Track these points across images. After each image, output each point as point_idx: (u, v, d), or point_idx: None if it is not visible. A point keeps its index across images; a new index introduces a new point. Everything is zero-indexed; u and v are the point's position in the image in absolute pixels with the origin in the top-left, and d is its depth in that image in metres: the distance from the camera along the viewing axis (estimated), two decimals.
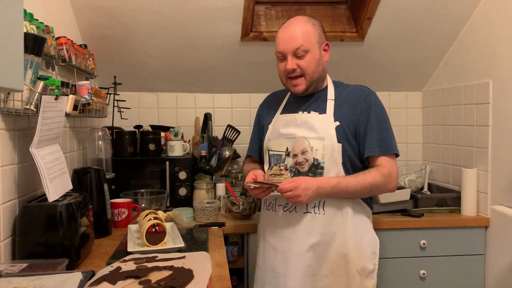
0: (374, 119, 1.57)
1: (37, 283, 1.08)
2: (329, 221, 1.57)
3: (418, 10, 2.22)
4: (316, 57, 1.58)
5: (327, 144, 1.55)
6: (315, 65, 1.58)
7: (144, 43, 2.31)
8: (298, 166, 1.59)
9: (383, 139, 1.57)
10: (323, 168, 1.56)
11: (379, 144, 1.56)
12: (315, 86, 1.63)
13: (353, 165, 1.60)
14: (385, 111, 1.63)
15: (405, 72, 2.67)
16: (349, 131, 1.57)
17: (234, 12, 2.15)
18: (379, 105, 1.61)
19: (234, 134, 2.64)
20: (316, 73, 1.59)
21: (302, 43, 1.55)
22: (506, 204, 2.00)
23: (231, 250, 2.12)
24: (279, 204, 1.63)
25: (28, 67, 1.26)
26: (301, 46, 1.55)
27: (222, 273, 1.35)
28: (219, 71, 2.57)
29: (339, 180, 1.52)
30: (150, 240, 1.47)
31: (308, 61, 1.57)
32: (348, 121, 1.58)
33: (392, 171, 1.57)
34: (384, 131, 1.58)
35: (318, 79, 1.62)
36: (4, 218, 1.32)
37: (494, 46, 2.12)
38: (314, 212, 1.57)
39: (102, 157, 2.07)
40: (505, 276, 2.04)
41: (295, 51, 1.56)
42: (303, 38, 1.55)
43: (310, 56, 1.57)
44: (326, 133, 1.56)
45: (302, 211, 1.58)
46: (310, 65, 1.57)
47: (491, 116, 2.13)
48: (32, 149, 1.34)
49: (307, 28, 1.58)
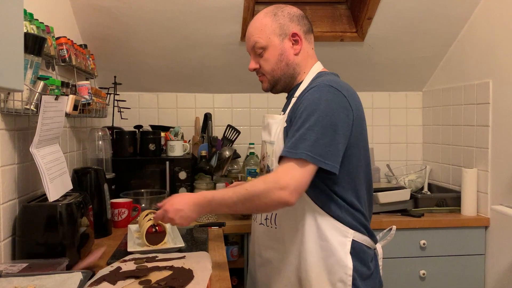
0: (301, 116, 1.23)
1: (37, 283, 1.08)
2: (282, 236, 1.34)
3: (418, 10, 2.22)
4: (276, 52, 1.36)
5: (275, 149, 1.35)
6: (275, 62, 1.37)
7: (144, 43, 2.31)
8: (261, 172, 1.45)
9: (298, 140, 1.19)
10: None
11: (292, 145, 1.19)
12: (283, 85, 1.42)
13: None
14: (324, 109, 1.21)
15: (405, 72, 2.67)
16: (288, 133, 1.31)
17: (234, 12, 2.15)
18: (316, 101, 1.22)
19: (234, 134, 2.64)
20: (278, 71, 1.38)
21: (256, 39, 1.36)
22: (506, 204, 2.00)
23: (231, 250, 2.12)
24: None
25: (28, 67, 1.26)
26: (255, 44, 1.37)
27: (222, 273, 1.35)
28: (219, 71, 2.57)
29: (216, 193, 1.25)
30: (150, 240, 1.47)
31: (267, 59, 1.38)
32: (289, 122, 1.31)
33: (282, 177, 1.15)
34: (301, 129, 1.19)
35: (282, 76, 1.39)
36: (4, 218, 1.32)
37: (494, 46, 2.12)
38: (266, 225, 1.39)
39: (102, 157, 2.07)
40: (505, 276, 2.04)
41: (252, 49, 1.39)
42: (258, 34, 1.37)
43: (268, 53, 1.37)
44: (277, 137, 1.36)
45: (259, 222, 1.43)
46: (268, 63, 1.38)
47: (491, 116, 2.13)
48: (32, 149, 1.34)
49: (264, 21, 1.37)
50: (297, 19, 1.39)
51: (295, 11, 1.40)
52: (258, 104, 2.80)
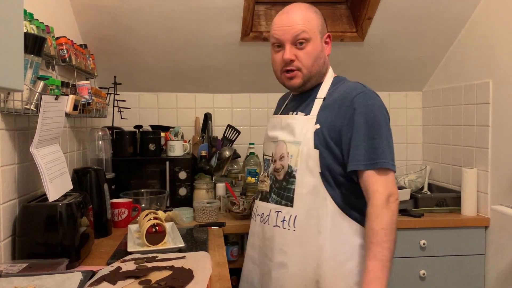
0: (362, 124, 1.26)
1: (37, 283, 1.08)
2: (300, 239, 1.32)
3: (418, 10, 2.22)
4: (318, 48, 1.37)
5: (302, 149, 1.33)
6: (315, 58, 1.36)
7: (144, 43, 2.31)
8: (275, 173, 1.40)
9: (372, 149, 1.25)
10: (295, 177, 1.34)
11: (367, 156, 1.24)
12: (313, 82, 1.41)
13: (333, 176, 1.32)
14: (382, 115, 1.30)
15: (405, 72, 2.67)
16: (329, 136, 1.31)
17: (234, 12, 2.15)
18: (371, 107, 1.28)
19: (234, 134, 2.64)
20: (315, 67, 1.37)
21: (303, 28, 1.33)
22: (506, 204, 2.00)
23: (231, 250, 2.12)
24: (258, 213, 1.46)
25: (28, 67, 1.26)
26: (301, 33, 1.33)
27: (222, 273, 1.35)
28: (219, 71, 2.57)
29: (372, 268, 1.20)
30: (150, 240, 1.47)
31: (308, 52, 1.35)
32: (330, 125, 1.31)
33: (385, 192, 1.22)
34: (374, 139, 1.25)
35: (316, 74, 1.40)
36: (4, 218, 1.32)
37: (494, 46, 2.12)
38: (283, 227, 1.35)
39: (102, 157, 2.07)
40: (505, 276, 2.04)
41: (295, 38, 1.34)
42: (304, 25, 1.34)
43: (311, 47, 1.35)
44: (303, 137, 1.33)
45: (273, 224, 1.37)
46: (309, 57, 1.35)
47: (491, 116, 2.13)
48: (32, 149, 1.34)
49: (309, 14, 1.37)
50: (326, 22, 1.44)
51: None
52: (258, 104, 2.80)
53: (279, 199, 1.38)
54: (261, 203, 1.46)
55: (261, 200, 1.46)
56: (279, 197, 1.38)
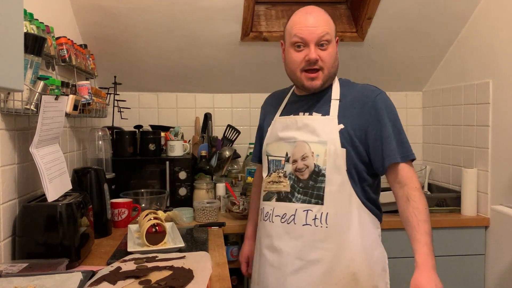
0: (388, 122, 1.40)
1: (37, 283, 1.08)
2: (333, 235, 1.39)
3: (418, 10, 2.22)
4: (335, 50, 1.45)
5: (330, 148, 1.39)
6: (334, 59, 1.45)
7: (144, 43, 2.31)
8: (297, 172, 1.43)
9: (402, 143, 1.40)
10: (324, 175, 1.39)
11: (399, 150, 1.38)
12: (329, 83, 1.48)
13: (358, 173, 1.42)
14: (397, 112, 1.45)
15: (405, 72, 2.67)
16: (355, 135, 1.40)
17: (234, 12, 2.15)
18: (391, 107, 1.43)
19: (234, 134, 2.64)
20: (334, 68, 1.45)
21: (327, 30, 1.41)
22: (506, 204, 2.00)
23: (231, 250, 2.12)
24: (277, 214, 1.46)
25: (28, 67, 1.26)
26: (326, 35, 1.40)
27: (222, 273, 1.35)
28: (219, 71, 2.56)
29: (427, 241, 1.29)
30: (150, 240, 1.47)
31: (330, 53, 1.42)
32: (355, 124, 1.41)
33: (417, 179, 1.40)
34: (400, 134, 1.41)
35: (333, 75, 1.47)
36: (4, 218, 1.32)
37: (494, 46, 2.12)
38: (315, 225, 1.39)
39: (102, 157, 2.07)
40: (505, 276, 2.04)
41: (320, 39, 1.39)
42: (328, 26, 1.42)
43: (331, 48, 1.42)
44: (328, 137, 1.40)
45: (301, 223, 1.41)
46: (331, 58, 1.42)
47: (491, 116, 2.13)
48: (32, 149, 1.34)
49: (329, 18, 1.46)
50: None
51: None
52: (258, 104, 2.76)
53: (307, 198, 1.41)
54: (280, 204, 1.46)
55: (279, 201, 1.46)
56: (307, 196, 1.42)
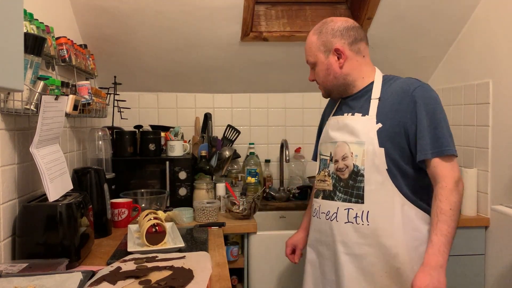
0: (424, 115, 1.38)
1: (37, 283, 1.08)
2: (375, 232, 1.42)
3: (418, 10, 2.22)
4: (323, 67, 1.52)
5: (367, 149, 1.42)
6: (324, 76, 1.53)
7: (144, 43, 2.31)
8: (339, 172, 1.49)
9: (436, 138, 1.37)
10: (363, 175, 1.42)
11: (432, 145, 1.37)
12: (340, 91, 1.55)
13: (401, 171, 1.42)
14: (439, 106, 1.42)
15: (405, 72, 2.65)
16: (395, 131, 1.41)
17: (234, 12, 2.15)
18: (430, 99, 1.40)
19: (234, 134, 2.64)
20: (328, 83, 1.53)
21: (307, 58, 1.55)
22: (506, 204, 2.00)
23: (231, 250, 2.12)
24: (322, 211, 1.54)
25: (28, 67, 1.26)
26: (308, 61, 1.55)
27: (222, 273, 1.35)
28: (219, 71, 2.57)
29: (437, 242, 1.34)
30: (150, 240, 1.47)
31: (317, 72, 1.54)
32: (394, 121, 1.41)
33: (454, 176, 1.36)
34: (436, 129, 1.38)
35: (334, 87, 1.54)
36: (4, 218, 1.32)
37: (494, 46, 2.12)
38: (357, 223, 1.44)
39: (102, 157, 2.07)
40: (505, 276, 2.04)
41: (309, 64, 1.57)
42: (307, 52, 1.54)
43: (317, 68, 1.53)
44: (366, 137, 1.42)
45: (343, 220, 1.46)
46: (319, 76, 1.54)
47: (491, 116, 2.13)
48: (32, 149, 1.34)
49: (311, 39, 1.54)
50: (340, 33, 1.49)
51: (339, 26, 1.50)
52: (258, 104, 2.80)
53: (347, 197, 1.46)
54: (324, 201, 1.53)
55: (324, 198, 1.54)
56: (347, 195, 1.46)
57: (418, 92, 1.40)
